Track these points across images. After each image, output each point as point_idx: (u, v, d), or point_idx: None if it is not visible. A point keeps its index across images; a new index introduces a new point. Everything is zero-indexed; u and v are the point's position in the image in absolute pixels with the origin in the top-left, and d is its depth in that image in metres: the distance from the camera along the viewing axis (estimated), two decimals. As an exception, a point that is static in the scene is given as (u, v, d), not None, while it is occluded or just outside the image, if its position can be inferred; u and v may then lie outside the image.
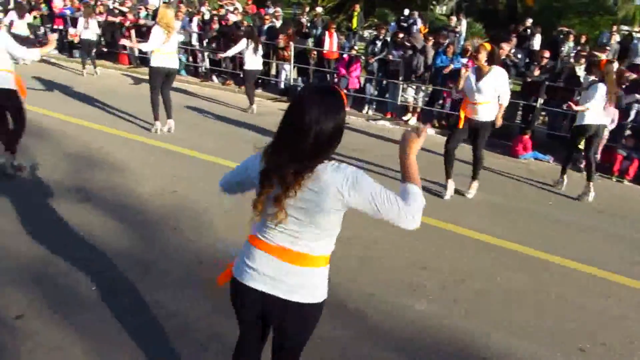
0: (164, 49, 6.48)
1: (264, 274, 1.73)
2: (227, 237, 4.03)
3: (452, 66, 8.54)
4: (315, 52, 10.00)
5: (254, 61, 8.50)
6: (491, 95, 5.02)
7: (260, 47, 8.53)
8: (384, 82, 9.56)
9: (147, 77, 7.22)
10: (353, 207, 1.65)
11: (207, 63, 11.18)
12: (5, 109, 4.74)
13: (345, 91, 9.56)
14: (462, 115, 5.18)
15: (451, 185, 5.40)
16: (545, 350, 3.05)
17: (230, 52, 8.52)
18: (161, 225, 4.15)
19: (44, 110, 7.37)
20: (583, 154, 6.14)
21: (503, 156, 7.57)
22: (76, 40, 11.43)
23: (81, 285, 3.28)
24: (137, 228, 4.09)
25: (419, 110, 9.28)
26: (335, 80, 9.81)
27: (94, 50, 10.89)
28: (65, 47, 13.04)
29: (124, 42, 7.34)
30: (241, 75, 9.46)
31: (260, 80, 10.75)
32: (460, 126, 5.23)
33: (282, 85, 10.42)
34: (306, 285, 1.74)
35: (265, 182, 1.66)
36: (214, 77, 11.16)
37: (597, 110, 5.54)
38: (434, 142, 7.92)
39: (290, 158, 1.59)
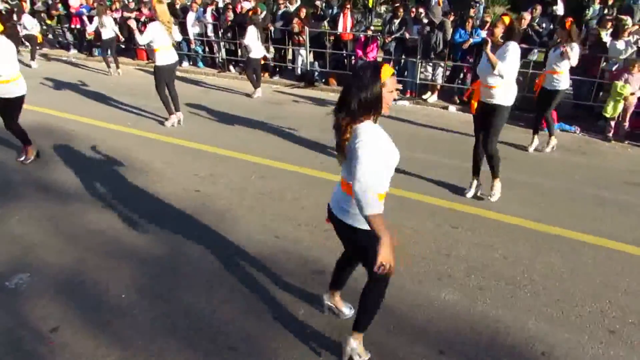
0: (166, 45, 6.59)
1: (334, 199, 2.50)
2: (252, 235, 4.07)
3: (471, 40, 8.27)
4: (331, 35, 9.83)
5: (258, 49, 8.64)
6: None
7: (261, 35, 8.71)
8: (402, 61, 9.36)
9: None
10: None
11: (223, 53, 11.15)
12: None
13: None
14: (473, 100, 4.67)
15: (474, 185, 4.94)
16: (576, 335, 2.99)
17: (246, 41, 8.49)
18: (187, 228, 4.21)
19: (68, 114, 7.55)
20: (536, 115, 6.41)
21: (527, 129, 7.34)
22: (92, 37, 11.52)
23: (110, 292, 3.38)
24: (163, 231, 4.16)
25: (438, 87, 9.07)
26: (353, 62, 9.66)
27: (113, 48, 10.93)
28: (85, 46, 13.24)
29: (131, 23, 7.38)
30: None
31: (276, 68, 10.69)
32: (474, 112, 4.73)
33: (299, 71, 10.32)
34: (354, 213, 2.31)
35: (335, 135, 2.33)
36: (231, 67, 11.14)
37: (567, 73, 6.02)
38: (457, 119, 7.79)
39: (345, 115, 2.24)
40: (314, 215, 4.38)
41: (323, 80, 10.14)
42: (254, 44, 8.48)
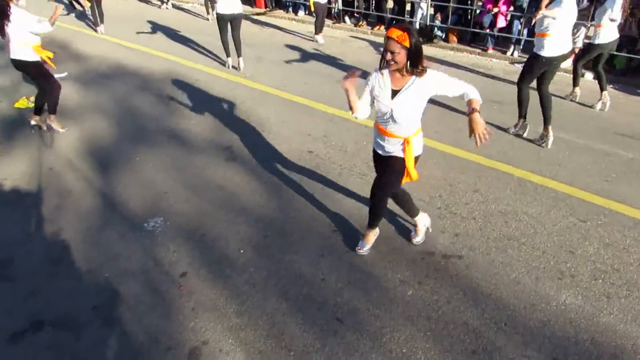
0: None
1: None
2: (361, 204, 4.09)
3: (625, -2, 7.14)
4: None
5: None
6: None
7: None
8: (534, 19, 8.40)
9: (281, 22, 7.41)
10: None
11: (340, 4, 10.89)
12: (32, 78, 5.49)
13: (488, 30, 8.67)
14: None
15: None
16: None
17: None
18: (299, 190, 4.35)
19: (192, 62, 8.00)
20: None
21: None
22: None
23: (230, 246, 3.65)
24: (277, 191, 4.34)
25: (576, 50, 8.07)
26: (478, 18, 8.92)
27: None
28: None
29: None
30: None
31: (393, 21, 10.25)
32: None
33: (417, 26, 9.79)
34: None
35: None
36: (347, 19, 10.89)
37: (613, 27, 5.72)
38: (590, 89, 6.89)
39: None
40: (425, 189, 4.27)
41: (443, 36, 9.54)
42: None
